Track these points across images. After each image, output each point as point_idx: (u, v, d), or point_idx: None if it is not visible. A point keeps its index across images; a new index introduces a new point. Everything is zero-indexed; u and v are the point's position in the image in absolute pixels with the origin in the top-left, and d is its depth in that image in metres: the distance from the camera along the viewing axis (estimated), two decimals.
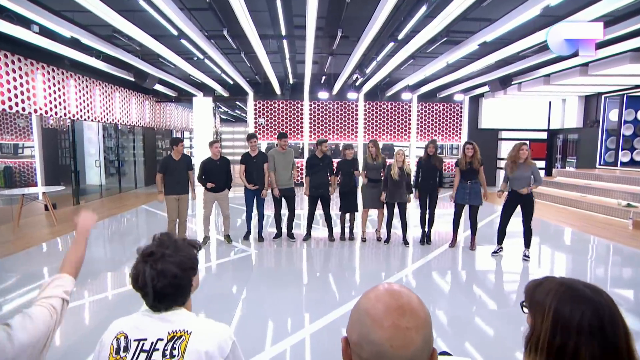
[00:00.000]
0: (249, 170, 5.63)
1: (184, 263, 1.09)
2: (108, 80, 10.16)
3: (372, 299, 0.70)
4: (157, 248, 1.10)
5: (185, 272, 1.09)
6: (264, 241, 5.87)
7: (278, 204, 5.80)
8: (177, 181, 5.27)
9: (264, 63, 8.39)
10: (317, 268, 5.00)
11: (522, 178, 4.90)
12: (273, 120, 13.05)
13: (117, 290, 4.07)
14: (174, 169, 5.23)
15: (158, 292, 1.06)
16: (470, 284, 4.43)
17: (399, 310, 0.67)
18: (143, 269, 1.07)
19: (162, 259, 1.07)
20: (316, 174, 5.70)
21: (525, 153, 4.88)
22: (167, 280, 1.06)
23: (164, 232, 1.16)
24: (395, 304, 0.68)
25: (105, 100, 10.16)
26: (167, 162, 5.25)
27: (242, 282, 4.27)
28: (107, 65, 8.26)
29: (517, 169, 4.90)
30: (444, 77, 10.02)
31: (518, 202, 4.98)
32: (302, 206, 9.28)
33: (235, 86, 12.02)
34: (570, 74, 8.52)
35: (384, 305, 0.68)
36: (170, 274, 1.06)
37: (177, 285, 1.08)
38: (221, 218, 6.42)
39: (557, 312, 0.87)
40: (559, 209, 8.84)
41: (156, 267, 1.06)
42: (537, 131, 13.08)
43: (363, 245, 5.81)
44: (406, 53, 7.30)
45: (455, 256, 5.39)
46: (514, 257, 5.22)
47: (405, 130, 13.40)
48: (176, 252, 1.09)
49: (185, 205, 5.41)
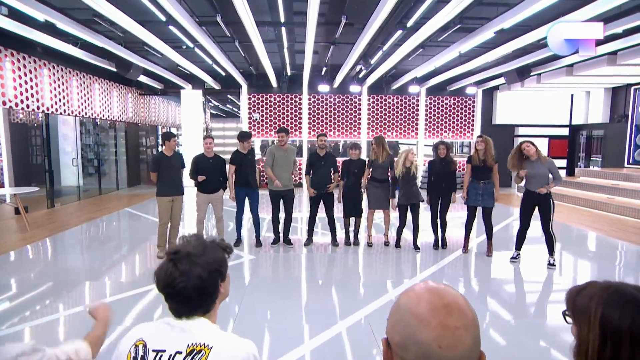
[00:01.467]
0: (238, 170, 5.61)
1: (210, 264, 1.11)
2: (86, 70, 10.13)
3: (415, 298, 0.72)
4: (183, 247, 1.11)
5: (210, 274, 1.10)
6: (261, 246, 5.86)
7: (276, 206, 5.78)
8: (172, 180, 5.23)
9: (260, 53, 8.37)
10: (320, 276, 4.98)
11: (538, 176, 4.89)
12: (269, 116, 13.03)
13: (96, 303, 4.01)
14: (167, 167, 5.19)
15: (180, 294, 1.07)
16: (486, 293, 4.41)
17: (446, 309, 0.69)
18: (167, 267, 1.08)
19: (187, 258, 1.08)
20: (318, 173, 5.70)
21: (531, 149, 4.86)
22: (190, 281, 1.07)
23: (194, 233, 1.19)
24: (441, 302, 0.69)
25: (83, 93, 10.13)
26: (160, 159, 5.21)
27: (236, 291, 4.25)
28: (86, 54, 8.23)
29: (532, 167, 4.90)
30: (456, 68, 10.04)
31: (534, 203, 4.99)
32: (300, 208, 9.28)
33: (228, 78, 12.01)
34: (596, 64, 8.52)
35: (429, 303, 0.70)
36: (194, 274, 1.07)
37: (201, 289, 1.09)
38: (212, 221, 6.39)
39: (604, 318, 0.85)
40: (583, 212, 8.85)
41: (179, 266, 1.07)
42: (558, 127, 13.11)
43: (369, 251, 5.80)
44: (415, 42, 7.31)
45: (469, 263, 5.38)
46: (534, 263, 5.21)
47: (413, 127, 13.42)
48: (203, 253, 1.11)
49: (179, 208, 5.38)
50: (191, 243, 1.12)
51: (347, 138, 13.27)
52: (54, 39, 7.10)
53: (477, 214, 5.52)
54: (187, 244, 1.12)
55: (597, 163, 12.38)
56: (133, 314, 3.69)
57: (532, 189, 4.95)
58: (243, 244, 5.96)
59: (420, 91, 12.99)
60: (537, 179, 4.91)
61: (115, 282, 4.62)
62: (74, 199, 10.10)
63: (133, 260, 5.53)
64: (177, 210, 5.34)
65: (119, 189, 12.11)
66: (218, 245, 1.16)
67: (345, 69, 10.26)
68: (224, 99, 18.66)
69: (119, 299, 3.99)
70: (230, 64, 10.12)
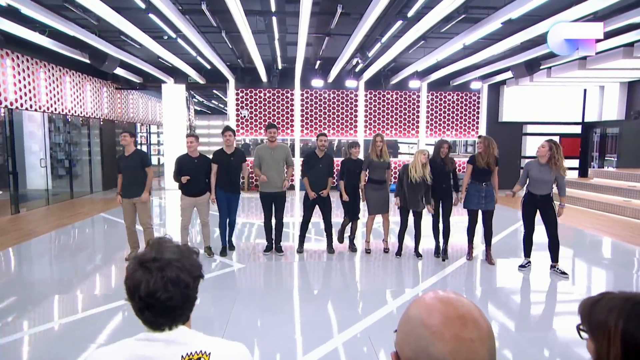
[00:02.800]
0: (222, 170, 5.59)
1: (193, 270, 1.10)
2: (56, 62, 10.01)
3: (426, 308, 0.73)
4: (159, 253, 1.09)
5: (196, 280, 1.11)
6: (234, 250, 5.92)
7: (267, 209, 5.76)
8: (129, 182, 5.32)
9: (249, 44, 8.36)
10: (314, 286, 4.97)
11: (542, 181, 4.93)
12: (258, 113, 13.02)
13: (66, 319, 3.95)
14: (125, 168, 5.33)
15: (164, 304, 1.05)
16: (493, 304, 4.42)
17: (461, 320, 0.70)
18: (147, 278, 1.05)
19: (170, 266, 1.07)
20: (314, 175, 5.69)
21: (546, 152, 4.86)
22: (178, 291, 1.06)
23: (161, 236, 1.17)
24: (454, 313, 0.71)
25: (52, 86, 10.01)
26: (119, 160, 5.42)
27: (224, 303, 4.23)
28: (55, 43, 8.13)
29: (538, 170, 4.94)
30: (459, 62, 10.12)
31: (535, 205, 5.03)
32: (292, 212, 9.26)
33: (213, 72, 11.98)
34: (611, 56, 8.59)
35: (442, 314, 0.71)
36: (183, 283, 1.07)
37: (187, 297, 1.09)
38: (198, 227, 6.35)
39: (626, 333, 0.85)
40: (597, 216, 8.95)
41: (165, 275, 1.05)
42: (570, 124, 13.26)
43: (367, 258, 5.80)
44: (416, 33, 7.35)
45: (473, 271, 5.40)
46: (544, 272, 5.24)
47: (413, 124, 13.49)
48: (182, 256, 1.10)
49: (144, 209, 5.37)
50: (167, 248, 1.11)
51: (342, 137, 13.29)
52: (18, 26, 7.00)
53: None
54: (164, 249, 1.10)
55: (612, 163, 12.51)
56: (109, 330, 3.63)
57: (535, 192, 5.01)
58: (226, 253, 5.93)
59: (421, 86, 13.06)
60: (540, 183, 4.95)
61: (89, 295, 4.56)
62: (41, 204, 9.97)
63: (108, 271, 5.46)
64: (142, 212, 5.37)
65: (93, 192, 11.99)
66: (189, 249, 1.17)
67: (340, 63, 10.29)
68: (210, 95, 18.62)
69: (93, 314, 3.93)
70: (216, 57, 10.09)
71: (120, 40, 8.84)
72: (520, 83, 11.83)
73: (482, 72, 11.32)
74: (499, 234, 5.98)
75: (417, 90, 13.25)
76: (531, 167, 5.04)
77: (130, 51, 9.85)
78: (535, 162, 5.02)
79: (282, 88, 12.95)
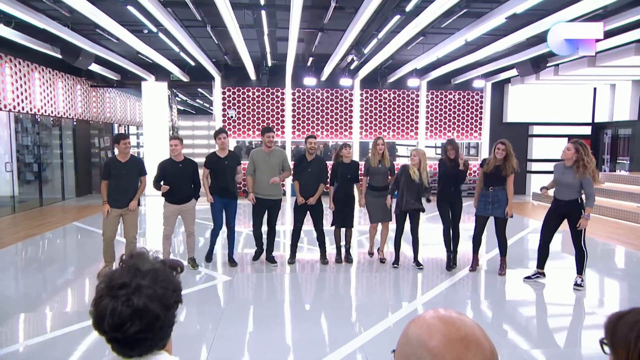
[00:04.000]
0: (216, 176, 5.61)
1: (167, 297, 1.04)
2: (24, 56, 9.91)
3: (427, 329, 0.74)
4: (129, 276, 1.03)
5: (169, 309, 1.05)
6: (236, 266, 5.81)
7: (258, 217, 5.77)
8: (123, 191, 5.18)
9: (236, 40, 8.36)
10: (307, 299, 4.95)
11: (563, 185, 4.93)
12: (246, 113, 13.00)
13: (33, 340, 3.87)
14: (119, 175, 5.14)
15: (132, 338, 1.00)
16: (501, 319, 4.43)
17: (463, 342, 0.71)
18: (112, 307, 1.00)
19: (138, 293, 1.01)
20: (303, 180, 5.71)
21: (572, 154, 4.83)
22: (145, 323, 1.00)
23: (136, 251, 1.12)
24: (457, 335, 0.72)
25: (19, 83, 9.90)
26: (110, 165, 5.19)
27: (210, 319, 4.20)
28: (23, 36, 8.05)
29: (562, 173, 4.93)
30: (461, 59, 10.21)
31: (563, 213, 5.00)
32: (282, 221, 9.22)
33: (198, 69, 11.95)
34: (622, 53, 8.66)
35: (444, 336, 0.72)
36: (151, 314, 1.01)
37: (159, 328, 1.03)
38: (182, 236, 6.30)
39: None
40: (609, 223, 9.03)
41: (130, 304, 0.99)
42: (579, 125, 13.39)
43: (363, 270, 5.80)
44: (415, 29, 7.40)
45: (478, 283, 5.40)
46: (556, 284, 5.26)
47: (412, 126, 13.56)
48: (155, 282, 1.04)
49: (134, 223, 5.32)
50: (139, 269, 1.05)
51: (337, 139, 13.32)
52: None
53: (489, 225, 5.55)
54: (137, 270, 1.04)
55: (625, 166, 12.65)
56: (80, 352, 3.57)
57: (560, 198, 4.98)
58: (216, 262, 5.90)
59: (421, 85, 13.16)
60: (565, 188, 4.92)
61: (59, 313, 4.49)
62: (7, 212, 9.84)
63: (82, 286, 5.38)
64: (131, 225, 5.28)
65: (65, 199, 11.85)
66: (169, 266, 1.11)
67: (334, 60, 10.33)
68: (194, 93, 18.58)
69: (64, 334, 3.86)
70: (201, 53, 10.08)
71: (95, 34, 8.78)
72: (525, 81, 11.97)
73: (486, 69, 11.42)
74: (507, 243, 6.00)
75: (416, 89, 13.33)
76: (556, 168, 5.05)
77: (106, 46, 9.79)
78: (561, 163, 5.02)
79: (272, 87, 12.95)
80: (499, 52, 9.87)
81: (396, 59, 11.09)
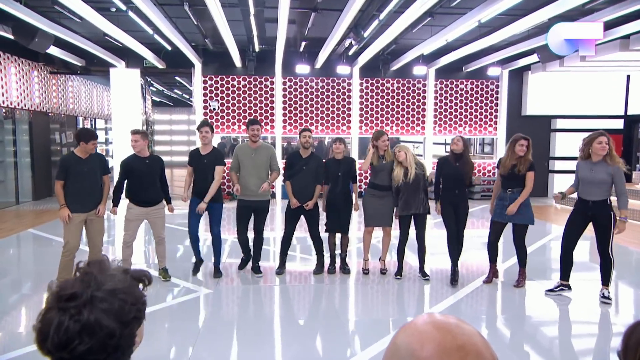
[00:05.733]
0: (198, 175, 5.62)
1: (125, 312, 1.02)
2: None
3: (418, 337, 0.73)
4: (83, 286, 1.01)
5: (127, 326, 1.03)
6: (220, 277, 5.80)
7: (243, 221, 5.77)
8: (88, 192, 5.10)
9: (218, 21, 8.33)
10: (299, 315, 4.94)
11: (594, 183, 4.87)
12: (231, 105, 12.96)
13: None
14: (80, 173, 5.06)
15: (80, 359, 0.97)
16: (521, 339, 4.40)
17: (460, 352, 0.69)
18: (58, 321, 0.97)
19: (90, 305, 0.99)
20: (298, 180, 5.72)
21: (605, 148, 4.76)
22: (97, 340, 0.98)
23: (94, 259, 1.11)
24: (453, 344, 0.70)
25: None
26: (68, 163, 5.07)
27: (186, 338, 4.16)
28: None
29: (589, 169, 4.90)
30: (474, 43, 10.23)
31: (588, 216, 4.97)
32: (272, 226, 9.18)
33: (175, 54, 11.90)
34: None
35: (437, 345, 0.70)
36: (104, 331, 0.98)
37: (114, 347, 1.01)
38: (152, 244, 6.26)
39: None
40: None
41: (79, 319, 0.97)
42: (609, 118, 13.34)
43: (363, 281, 5.78)
44: (421, 8, 7.40)
45: (493, 297, 5.38)
46: (583, 298, 5.24)
47: (418, 119, 13.57)
48: (112, 294, 1.02)
49: (100, 229, 5.27)
50: (94, 279, 1.03)
51: (333, 134, 13.30)
52: None
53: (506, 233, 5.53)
54: (88, 281, 1.02)
55: None
56: None
57: (587, 198, 4.94)
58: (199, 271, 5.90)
59: (428, 73, 13.17)
60: (591, 186, 4.88)
61: (9, 333, 4.43)
62: None
63: (38, 303, 5.30)
64: (97, 233, 5.22)
65: (19, 202, 11.74)
66: (132, 276, 1.09)
67: (330, 45, 10.31)
68: (171, 83, 18.55)
69: (16, 357, 3.79)
70: (179, 36, 10.03)
71: (54, 12, 8.69)
72: (548, 68, 12.00)
73: (502, 55, 11.44)
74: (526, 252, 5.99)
75: (423, 78, 13.35)
76: (580, 166, 5.02)
77: (68, 26, 9.70)
78: (587, 160, 4.98)
79: (260, 75, 12.92)
80: (517, 35, 9.89)
81: (400, 43, 11.10)
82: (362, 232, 6.20)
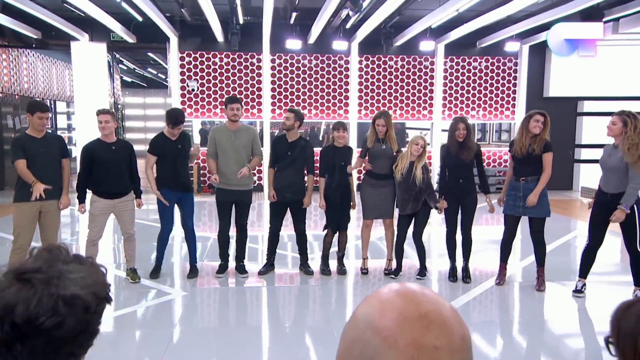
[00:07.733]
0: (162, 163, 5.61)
1: (99, 288, 1.06)
2: None
3: (379, 306, 0.73)
4: (47, 264, 1.02)
5: (99, 303, 1.06)
6: (196, 277, 5.83)
7: (225, 216, 5.78)
8: (43, 176, 4.96)
9: None
10: (286, 320, 4.97)
11: (612, 171, 4.91)
12: (212, 85, 12.94)
13: None
14: (36, 155, 5.01)
15: (50, 336, 0.97)
16: (540, 348, 4.43)
17: (423, 321, 0.69)
18: (26, 296, 0.97)
19: (63, 279, 1.00)
20: (284, 169, 5.75)
21: (619, 130, 4.78)
22: (73, 315, 0.99)
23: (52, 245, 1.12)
24: (415, 312, 0.70)
25: None
26: (22, 142, 5.04)
27: (155, 346, 4.17)
28: None
29: (607, 155, 4.96)
30: (489, 14, 10.21)
31: (608, 207, 4.97)
32: (259, 223, 9.19)
33: (148, 26, 11.82)
34: None
35: (399, 314, 0.71)
36: (82, 303, 1.00)
37: (84, 325, 1.02)
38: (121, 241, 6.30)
39: None
40: None
41: (54, 292, 0.98)
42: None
43: (360, 282, 5.81)
44: None
45: (507, 300, 5.42)
46: (608, 299, 5.26)
47: (425, 102, 13.59)
48: (82, 271, 1.06)
49: (55, 222, 5.25)
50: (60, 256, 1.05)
51: (328, 119, 13.31)
52: None
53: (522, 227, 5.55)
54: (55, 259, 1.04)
55: None
56: None
57: (606, 190, 4.99)
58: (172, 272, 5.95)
59: (437, 49, 13.16)
60: (611, 174, 4.93)
61: None
62: None
63: None
64: (52, 226, 5.18)
65: None
66: (92, 264, 1.12)
67: (325, 16, 10.30)
68: (144, 60, 18.49)
69: None
70: (151, 5, 9.98)
71: None
72: None
73: (521, 28, 11.43)
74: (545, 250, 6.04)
75: (431, 55, 13.35)
76: (605, 150, 5.08)
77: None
78: (609, 145, 5.04)
79: (245, 51, 12.90)
80: (539, 4, 9.87)
81: (405, 15, 11.08)
82: (359, 227, 6.22)
